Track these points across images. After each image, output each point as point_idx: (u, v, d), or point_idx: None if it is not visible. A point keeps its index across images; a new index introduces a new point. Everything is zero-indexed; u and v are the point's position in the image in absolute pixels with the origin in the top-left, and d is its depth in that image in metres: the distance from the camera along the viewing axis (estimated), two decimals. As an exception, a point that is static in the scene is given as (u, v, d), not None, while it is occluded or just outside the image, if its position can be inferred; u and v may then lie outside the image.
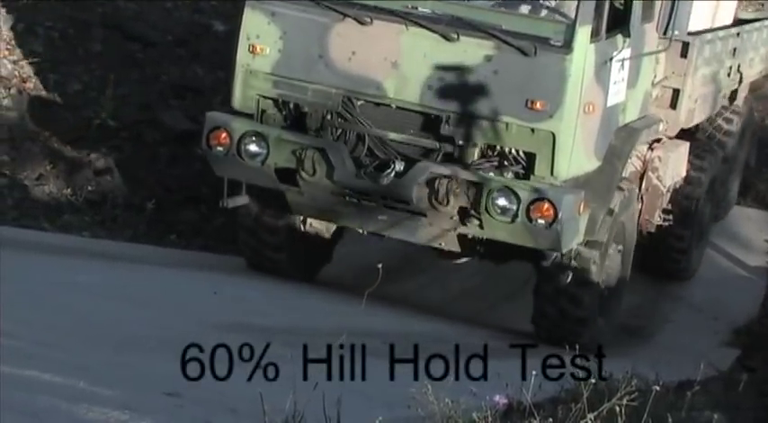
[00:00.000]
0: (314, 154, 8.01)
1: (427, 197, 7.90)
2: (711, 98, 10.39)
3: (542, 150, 7.79)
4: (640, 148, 9.52)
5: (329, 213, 8.49)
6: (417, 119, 8.00)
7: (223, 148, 8.26)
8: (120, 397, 3.65)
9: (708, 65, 9.90)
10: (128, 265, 7.86)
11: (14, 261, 6.90)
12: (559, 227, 7.74)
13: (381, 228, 8.42)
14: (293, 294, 8.57)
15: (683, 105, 9.45)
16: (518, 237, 7.96)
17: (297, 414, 3.49)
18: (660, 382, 4.80)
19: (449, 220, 8.05)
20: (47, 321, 5.04)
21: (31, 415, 3.16)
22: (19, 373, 3.71)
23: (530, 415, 3.91)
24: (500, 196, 7.76)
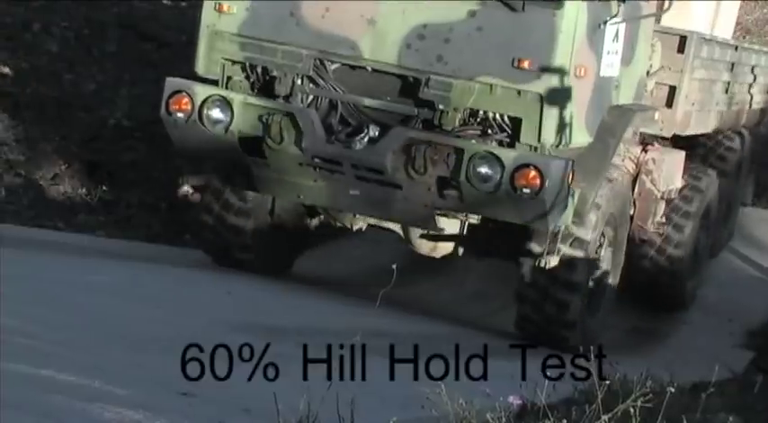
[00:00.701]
0: (282, 119, 7.46)
1: (403, 166, 7.35)
2: (708, 110, 9.99)
3: (529, 115, 7.26)
4: (634, 150, 9.17)
5: (297, 190, 7.88)
6: (395, 83, 7.49)
7: (184, 114, 7.69)
8: (135, 396, 3.66)
9: (705, 69, 9.58)
10: (142, 265, 7.88)
11: (30, 261, 6.92)
12: (546, 196, 7.17)
13: (353, 205, 7.90)
14: (306, 295, 8.57)
15: (680, 104, 9.09)
16: (501, 210, 7.44)
17: (311, 414, 3.49)
18: (675, 384, 4.77)
19: (426, 191, 7.45)
20: (61, 321, 5.06)
21: (47, 414, 3.18)
22: (35, 373, 3.72)
23: (544, 416, 3.90)
24: (482, 163, 7.19)
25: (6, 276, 5.89)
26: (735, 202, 11.85)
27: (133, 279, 7.19)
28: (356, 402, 3.70)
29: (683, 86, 9.05)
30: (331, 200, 7.90)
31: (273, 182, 7.89)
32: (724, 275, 11.44)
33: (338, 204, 8.00)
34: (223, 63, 7.76)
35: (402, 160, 7.34)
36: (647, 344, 10.11)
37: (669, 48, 8.93)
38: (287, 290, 8.51)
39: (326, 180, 7.69)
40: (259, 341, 5.70)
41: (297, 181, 7.78)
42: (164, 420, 3.43)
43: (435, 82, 7.32)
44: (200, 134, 7.68)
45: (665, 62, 8.96)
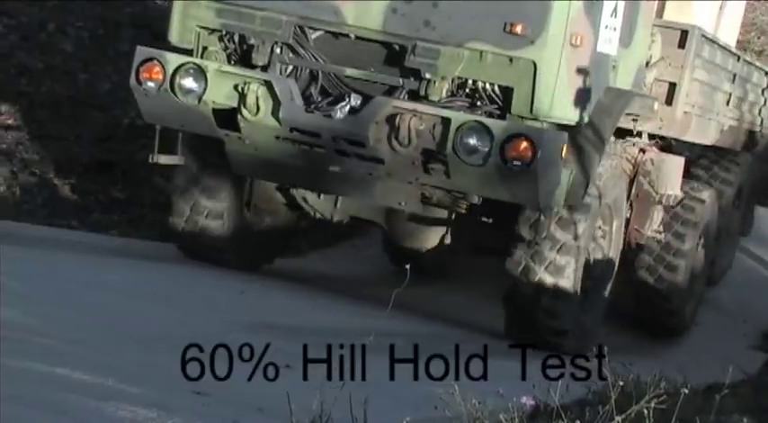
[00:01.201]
0: (258, 88, 7.03)
1: (386, 137, 6.92)
2: (708, 119, 9.59)
3: (521, 84, 6.85)
4: (631, 150, 8.87)
5: (274, 168, 7.45)
6: (379, 52, 7.11)
7: (155, 83, 7.29)
8: (149, 395, 3.67)
9: (706, 71, 9.24)
10: (156, 264, 7.90)
11: (44, 260, 6.95)
12: (538, 169, 6.75)
13: (332, 185, 7.47)
14: (319, 294, 8.58)
15: (680, 102, 8.67)
16: (490, 186, 6.99)
17: (324, 414, 3.50)
18: (688, 385, 4.77)
19: (410, 166, 7.06)
20: (75, 320, 5.08)
21: (62, 413, 3.19)
22: (49, 371, 3.74)
23: (557, 417, 3.90)
24: (471, 134, 6.76)
25: (21, 275, 5.92)
26: (733, 231, 11.33)
27: (147, 278, 7.21)
28: (369, 402, 3.70)
29: (684, 83, 8.67)
30: (310, 179, 7.50)
31: (248, 159, 7.47)
32: (738, 277, 11.41)
33: (317, 184, 7.58)
34: (198, 31, 7.40)
35: (385, 132, 6.93)
36: (661, 345, 10.09)
37: (670, 43, 8.58)
38: (300, 290, 8.52)
39: (305, 156, 7.29)
40: (273, 341, 5.71)
41: (273, 157, 7.37)
42: (177, 419, 3.44)
43: (422, 49, 6.94)
44: (171, 104, 7.30)
45: (666, 58, 8.61)
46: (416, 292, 7.96)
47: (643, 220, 9.16)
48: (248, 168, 7.64)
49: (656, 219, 9.31)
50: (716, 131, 9.93)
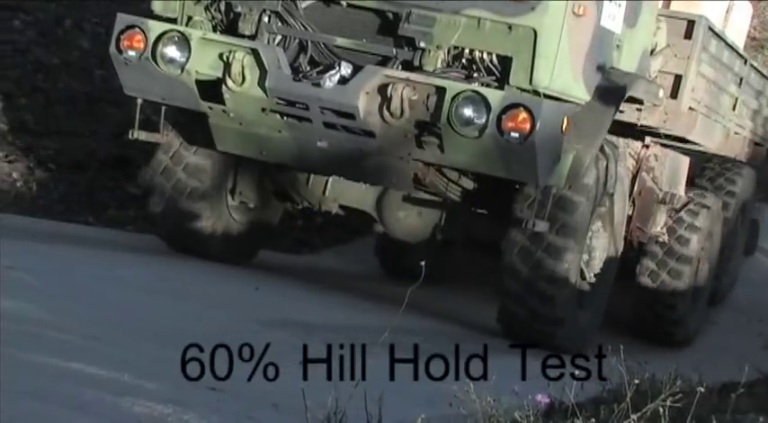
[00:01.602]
0: (244, 57, 6.76)
1: (378, 109, 6.62)
2: (714, 121, 9.19)
3: (520, 53, 6.54)
4: (634, 144, 8.55)
5: (259, 143, 7.15)
6: (372, 20, 6.82)
7: (136, 52, 7.01)
8: (165, 391, 3.68)
9: (713, 68, 8.92)
10: (171, 260, 7.92)
11: (60, 255, 6.98)
12: (537, 142, 6.44)
13: (320, 163, 7.15)
14: (334, 291, 8.59)
15: (685, 96, 8.30)
16: (486, 161, 6.66)
17: (338, 410, 3.50)
18: (704, 384, 4.75)
19: (403, 140, 6.76)
20: (91, 315, 5.10)
21: (77, 408, 3.21)
22: (65, 366, 3.75)
23: (572, 415, 3.89)
24: (466, 103, 6.46)
25: (37, 270, 5.94)
26: (736, 249, 10.98)
27: (162, 274, 7.23)
28: (383, 399, 3.70)
29: (690, 76, 8.32)
30: (297, 156, 7.15)
31: (233, 135, 7.17)
32: (754, 276, 11.37)
33: (304, 162, 7.24)
34: (182, 0, 7.13)
35: (376, 102, 6.62)
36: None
37: (676, 33, 8.27)
38: (315, 286, 8.53)
39: (292, 131, 7.01)
40: (289, 337, 5.72)
41: (259, 132, 7.08)
42: (193, 414, 3.45)
43: (417, 16, 6.65)
44: (152, 75, 7.02)
45: (672, 48, 8.30)
46: (432, 288, 7.97)
47: (646, 219, 8.85)
48: (232, 144, 7.29)
49: (659, 219, 9.04)
50: (721, 136, 9.62)
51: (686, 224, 9.26)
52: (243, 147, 7.30)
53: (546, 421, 4.08)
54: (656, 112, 8.13)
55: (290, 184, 8.03)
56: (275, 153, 7.23)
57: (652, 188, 8.79)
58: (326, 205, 7.98)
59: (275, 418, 3.76)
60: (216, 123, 7.18)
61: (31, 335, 4.17)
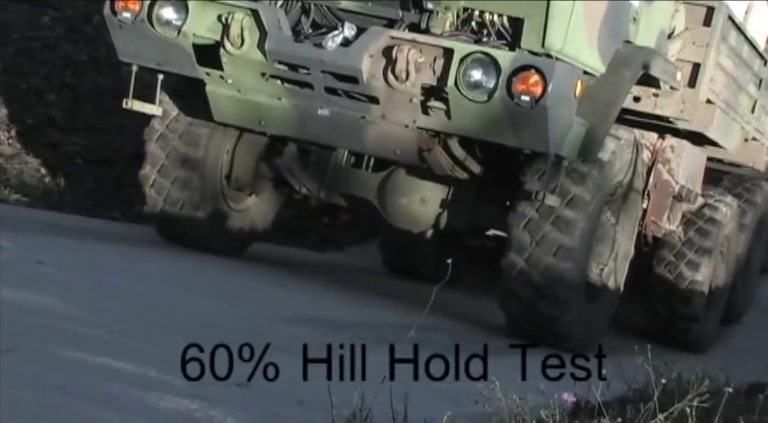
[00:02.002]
0: (244, 18, 6.49)
1: (382, 72, 6.35)
2: (732, 119, 8.87)
3: (533, 14, 6.26)
4: (650, 135, 8.27)
5: (259, 113, 6.85)
6: None
7: (131, 13, 6.73)
8: (191, 386, 3.70)
9: (732, 62, 8.58)
10: (197, 256, 7.94)
11: (87, 250, 7.02)
12: (548, 106, 6.12)
13: (321, 133, 6.81)
14: (359, 288, 8.59)
15: (703, 84, 8.00)
16: (494, 127, 6.33)
17: (364, 407, 3.50)
18: (731, 385, 4.72)
19: (408, 105, 6.46)
20: (118, 310, 5.12)
21: (105, 402, 3.22)
22: (92, 361, 3.77)
23: (599, 414, 3.88)
24: (475, 66, 6.18)
25: (64, 265, 5.98)
26: (753, 265, 10.72)
27: (189, 270, 7.25)
28: (409, 397, 3.70)
29: (708, 64, 8.02)
30: (297, 125, 6.84)
31: (231, 103, 6.86)
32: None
33: (305, 132, 6.89)
34: None
35: (381, 65, 6.34)
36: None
37: (695, 21, 8.01)
38: (340, 284, 8.53)
39: (292, 98, 6.73)
40: (314, 334, 5.73)
41: (258, 100, 6.79)
42: (219, 410, 3.46)
43: None
44: (147, 38, 6.74)
45: (690, 33, 8.02)
46: (460, 285, 7.96)
47: (660, 213, 8.57)
48: (230, 114, 6.98)
49: (675, 215, 8.82)
50: (739, 137, 9.31)
51: (706, 217, 9.13)
52: (241, 116, 7.00)
53: (572, 420, 4.07)
54: (673, 100, 7.86)
55: (289, 169, 7.73)
56: (275, 123, 6.93)
57: (668, 181, 8.52)
58: (326, 193, 7.69)
59: (301, 414, 3.76)
60: (213, 91, 6.90)
61: (59, 329, 4.19)
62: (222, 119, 7.10)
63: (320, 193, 7.68)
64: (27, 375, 3.30)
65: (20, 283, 5.02)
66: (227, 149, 7.77)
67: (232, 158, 7.81)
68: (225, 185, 7.80)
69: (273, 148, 7.80)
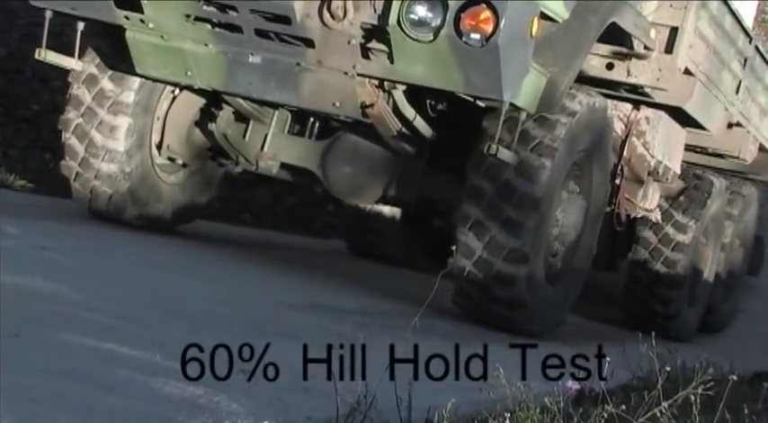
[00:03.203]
0: None
1: (317, 10, 5.85)
2: (714, 96, 8.27)
3: None
4: (623, 106, 7.76)
5: (185, 61, 6.33)
6: None
7: None
8: (195, 372, 3.70)
9: (714, 32, 7.93)
10: (203, 244, 7.95)
11: (92, 236, 7.02)
12: (500, 45, 5.55)
13: (252, 84, 6.28)
14: (363, 275, 8.60)
15: (681, 51, 7.38)
16: (441, 71, 5.74)
17: (368, 395, 3.51)
18: (735, 373, 4.73)
19: (346, 48, 5.93)
20: (124, 296, 5.13)
21: (110, 387, 3.23)
22: (98, 346, 3.78)
23: (602, 401, 3.88)
24: (420, 1, 5.65)
25: (70, 251, 5.99)
26: (738, 271, 10.43)
27: (193, 257, 7.26)
28: (413, 384, 3.71)
29: (687, 28, 7.42)
30: (226, 76, 6.31)
31: (153, 52, 6.33)
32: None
33: (235, 84, 6.35)
34: None
35: (315, 3, 5.86)
36: (705, 332, 10.02)
37: None
38: (344, 270, 8.54)
39: (220, 43, 6.24)
40: (320, 321, 5.74)
41: (183, 47, 6.28)
42: (224, 396, 3.47)
43: None
44: None
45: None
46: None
47: (635, 190, 8.14)
48: (153, 64, 6.44)
49: (651, 193, 8.43)
50: (722, 119, 8.71)
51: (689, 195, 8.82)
52: (165, 66, 6.44)
53: (576, 408, 4.07)
54: (648, 67, 7.29)
55: (224, 136, 7.22)
56: (202, 73, 6.41)
57: (643, 155, 7.98)
58: (265, 163, 7.15)
59: (306, 401, 3.77)
60: (134, 38, 6.38)
61: (64, 315, 4.20)
62: (145, 71, 6.58)
63: (258, 163, 7.15)
64: (32, 361, 3.31)
65: (24, 268, 5.03)
66: (159, 115, 7.29)
67: (164, 125, 7.31)
68: (156, 155, 7.30)
69: (209, 112, 7.29)
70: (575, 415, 3.87)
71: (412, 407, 3.61)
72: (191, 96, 7.30)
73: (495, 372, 3.86)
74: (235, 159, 7.30)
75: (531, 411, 3.81)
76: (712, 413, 3.99)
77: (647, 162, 8.08)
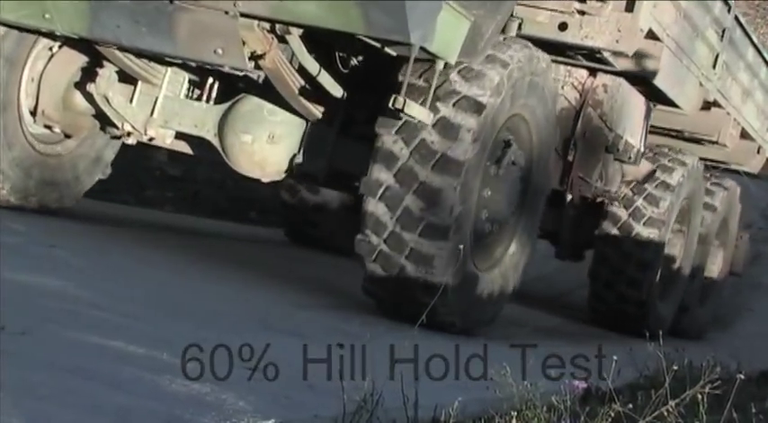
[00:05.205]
0: None
1: None
2: (687, 67, 7.42)
3: None
4: (578, 73, 6.99)
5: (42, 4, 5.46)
6: None
7: None
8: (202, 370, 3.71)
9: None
10: (209, 241, 7.96)
11: (99, 234, 7.03)
12: None
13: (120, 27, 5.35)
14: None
15: (643, 9, 6.56)
16: (336, 6, 4.96)
17: (375, 392, 3.51)
18: (742, 372, 4.72)
19: None
20: (130, 294, 5.14)
21: (117, 385, 3.23)
22: (104, 344, 3.79)
23: (609, 400, 3.88)
24: None
25: (77, 249, 6.00)
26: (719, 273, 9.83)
27: (200, 255, 7.27)
28: (419, 382, 3.71)
29: None
30: (90, 19, 5.43)
31: None
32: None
33: (101, 29, 5.44)
34: None
35: None
36: (713, 331, 10.01)
37: None
38: (353, 267, 8.53)
39: None
40: (326, 319, 5.74)
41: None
42: (230, 394, 3.47)
43: None
44: None
45: None
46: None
47: (590, 168, 7.26)
48: (9, 8, 5.58)
49: (611, 172, 7.65)
50: (696, 95, 7.83)
51: (657, 181, 8.04)
52: (21, 8, 5.57)
53: (582, 406, 4.07)
54: (606, 26, 6.46)
55: (105, 99, 6.25)
56: (62, 16, 5.51)
57: (599, 128, 7.11)
58: (155, 131, 6.29)
59: (312, 399, 3.77)
60: None
61: (71, 313, 4.21)
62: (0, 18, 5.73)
63: (146, 130, 6.29)
64: (39, 358, 3.32)
65: (32, 266, 5.04)
66: (33, 76, 6.35)
67: (39, 87, 6.36)
68: (30, 122, 6.36)
69: (91, 72, 6.38)
70: (581, 414, 3.86)
71: (418, 405, 3.61)
72: (70, 53, 6.34)
73: (502, 370, 3.85)
74: (121, 127, 6.34)
75: (538, 410, 3.80)
76: (719, 412, 3.98)
77: (605, 137, 7.24)
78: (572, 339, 7.21)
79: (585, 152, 7.12)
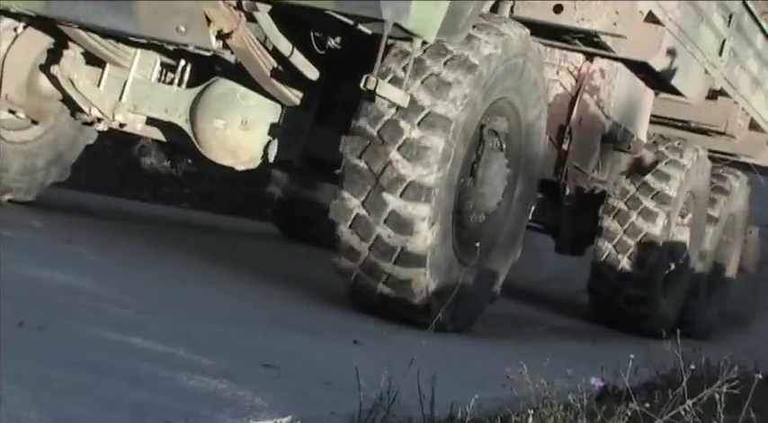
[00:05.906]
0: None
1: None
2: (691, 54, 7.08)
3: None
4: (574, 57, 6.63)
5: None
6: None
7: None
8: (220, 366, 3.72)
9: None
10: (226, 237, 7.97)
11: (116, 230, 7.06)
12: None
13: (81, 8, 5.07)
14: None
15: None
16: None
17: (391, 390, 3.51)
18: (760, 372, 4.70)
19: None
20: (147, 290, 5.15)
21: (135, 381, 3.24)
22: (122, 340, 3.80)
23: (626, 399, 3.87)
24: None
25: (94, 245, 6.02)
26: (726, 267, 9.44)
27: (218, 251, 7.28)
28: (436, 379, 3.71)
29: None
30: None
31: None
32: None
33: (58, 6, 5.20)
34: None
35: None
36: (730, 330, 9.98)
37: None
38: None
39: None
40: (343, 317, 5.75)
41: None
42: (247, 391, 3.47)
43: None
44: None
45: None
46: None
47: (586, 157, 6.88)
48: None
49: (609, 163, 7.36)
50: (701, 83, 7.46)
51: (667, 160, 7.62)
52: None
53: (599, 405, 4.06)
54: (604, 8, 6.12)
55: (70, 82, 5.95)
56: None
57: (596, 115, 6.74)
58: (124, 116, 5.98)
59: (328, 395, 3.77)
60: None
61: (88, 308, 4.22)
62: None
63: (115, 116, 5.99)
64: (57, 353, 3.33)
65: (50, 262, 5.06)
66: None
67: (1, 70, 6.10)
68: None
69: (56, 53, 6.09)
70: (598, 412, 3.86)
71: (435, 403, 3.61)
72: (35, 34, 6.06)
73: (518, 369, 3.85)
74: (88, 112, 6.03)
75: (555, 408, 3.80)
76: (737, 412, 3.97)
77: (601, 124, 6.84)
78: (587, 338, 7.19)
79: (581, 141, 6.72)
